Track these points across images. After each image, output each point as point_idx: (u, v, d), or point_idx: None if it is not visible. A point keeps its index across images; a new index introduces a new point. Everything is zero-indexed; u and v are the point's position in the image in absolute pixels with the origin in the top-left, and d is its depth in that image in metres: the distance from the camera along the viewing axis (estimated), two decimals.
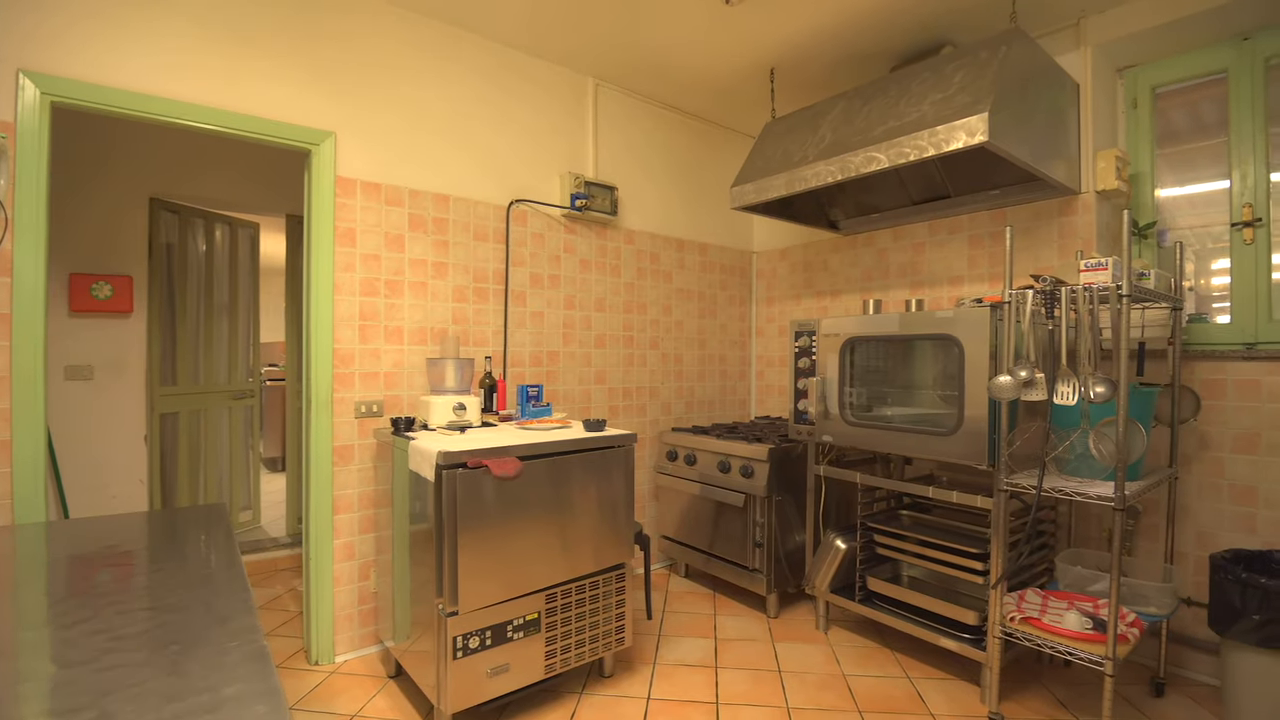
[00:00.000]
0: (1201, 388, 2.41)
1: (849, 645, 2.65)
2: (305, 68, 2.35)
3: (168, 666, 0.79)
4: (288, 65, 2.32)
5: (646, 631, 2.76)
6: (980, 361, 2.11)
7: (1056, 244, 2.70)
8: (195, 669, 0.79)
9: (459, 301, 2.75)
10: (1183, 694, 2.29)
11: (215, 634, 0.89)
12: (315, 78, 2.38)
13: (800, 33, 2.76)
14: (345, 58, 2.44)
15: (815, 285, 3.72)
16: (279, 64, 2.30)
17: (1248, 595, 1.86)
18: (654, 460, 3.50)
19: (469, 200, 2.78)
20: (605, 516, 2.27)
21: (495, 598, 1.99)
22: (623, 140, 3.36)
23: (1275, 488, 2.26)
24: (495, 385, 2.61)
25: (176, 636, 0.88)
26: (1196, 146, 2.62)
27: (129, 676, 0.76)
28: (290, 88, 2.32)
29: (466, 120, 2.77)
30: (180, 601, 1.01)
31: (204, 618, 0.94)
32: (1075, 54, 2.65)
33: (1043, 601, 2.13)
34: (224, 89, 2.19)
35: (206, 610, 0.97)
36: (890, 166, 2.31)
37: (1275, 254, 2.40)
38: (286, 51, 2.31)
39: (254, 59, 2.25)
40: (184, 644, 0.85)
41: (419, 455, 1.98)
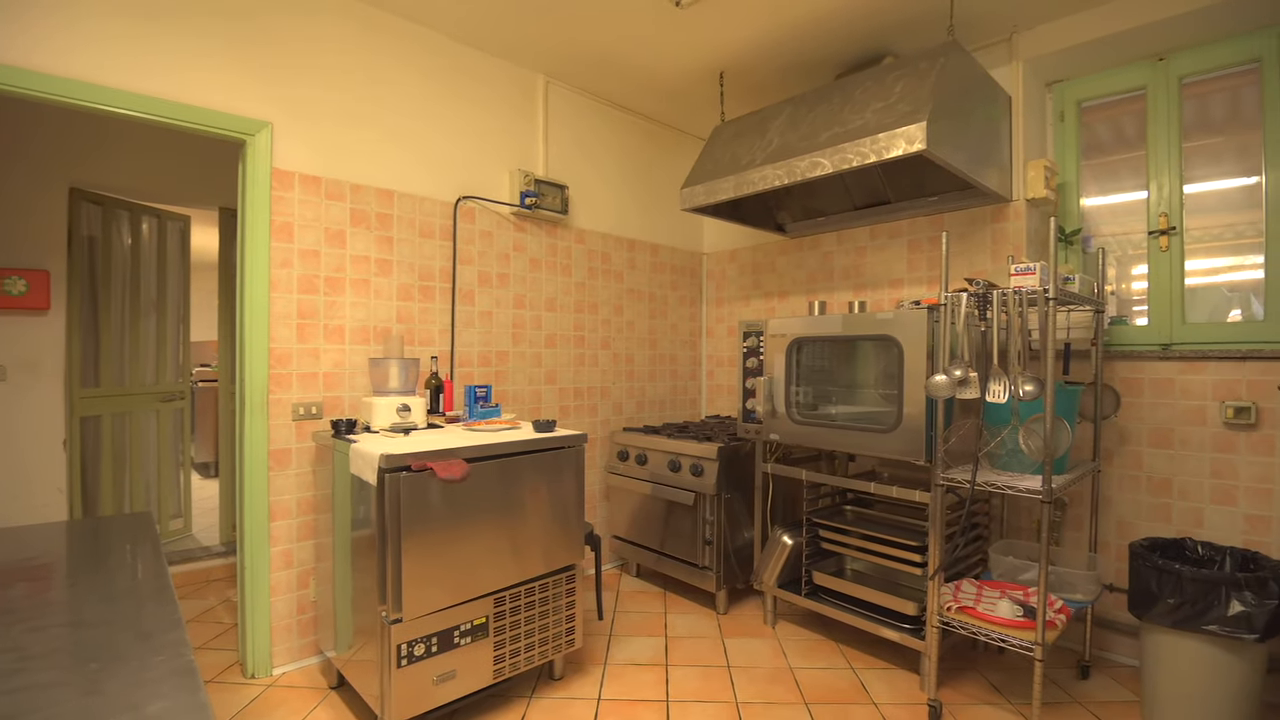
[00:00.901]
0: (1122, 386, 2.56)
1: (796, 639, 2.70)
2: (240, 54, 2.25)
3: (85, 686, 0.74)
4: (221, 51, 2.21)
5: (597, 632, 2.75)
6: (918, 361, 2.19)
7: (990, 249, 2.82)
8: (115, 687, 0.74)
9: (404, 300, 2.68)
10: (1106, 675, 2.43)
11: (138, 650, 0.84)
12: (251, 65, 2.28)
13: (749, 38, 2.80)
14: (284, 45, 2.35)
15: (764, 286, 3.79)
16: (211, 49, 2.19)
17: (1163, 581, 1.98)
18: (605, 460, 3.49)
19: (414, 196, 2.72)
20: (556, 518, 2.26)
21: (441, 603, 1.95)
22: (574, 139, 3.34)
23: (1188, 480, 2.42)
24: (442, 386, 2.56)
25: (95, 654, 0.83)
26: (1118, 158, 2.77)
27: (39, 699, 0.72)
28: (223, 74, 2.22)
29: (412, 114, 2.71)
30: (100, 616, 0.95)
31: (126, 633, 0.89)
32: (1008, 68, 2.77)
33: (977, 591, 2.23)
34: (150, 74, 2.08)
35: (129, 625, 0.92)
36: (834, 172, 2.37)
37: (1188, 261, 2.57)
38: (219, 36, 2.21)
39: (184, 43, 2.14)
40: (104, 661, 0.81)
41: (361, 458, 1.92)
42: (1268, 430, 2.26)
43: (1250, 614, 1.83)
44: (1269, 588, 1.84)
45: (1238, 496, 2.31)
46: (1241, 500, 2.31)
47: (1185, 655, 1.96)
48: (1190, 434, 2.41)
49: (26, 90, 1.89)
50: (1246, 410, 2.27)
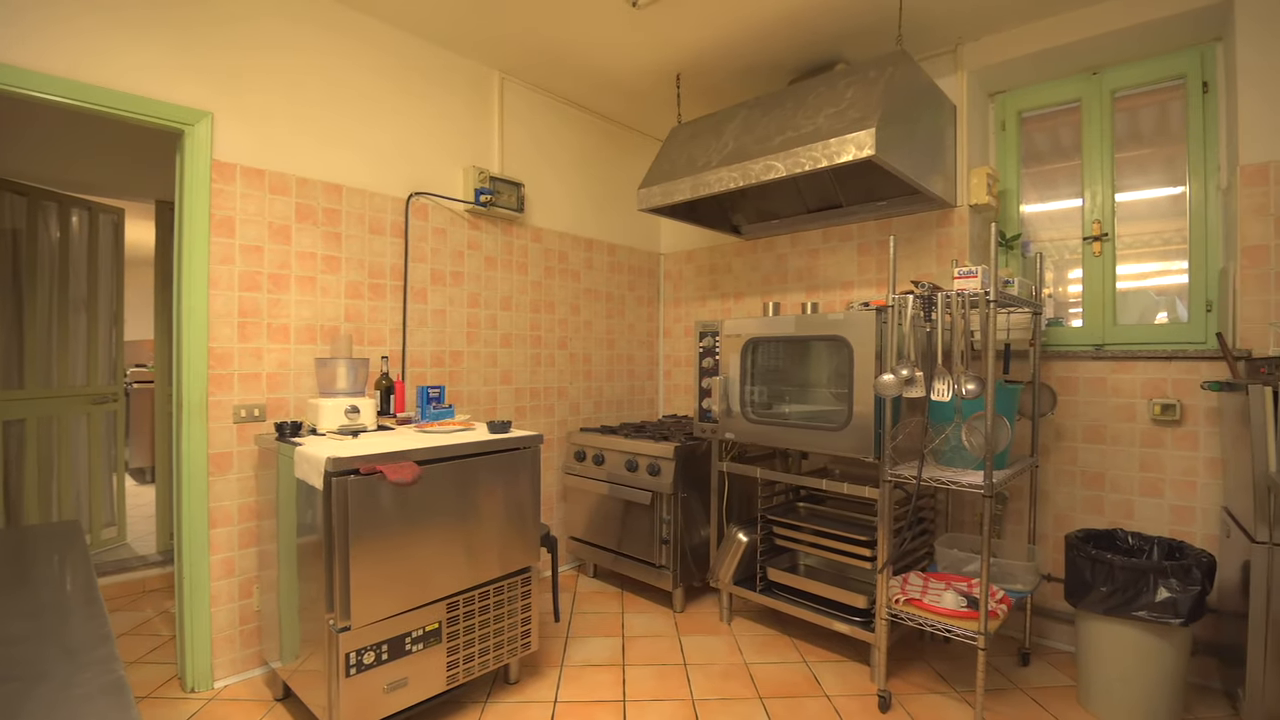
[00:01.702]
0: (1058, 384, 2.68)
1: (751, 634, 2.74)
2: (179, 39, 2.16)
3: (3, 708, 0.70)
4: (158, 35, 2.11)
5: (554, 634, 2.73)
6: (867, 361, 2.25)
7: (935, 253, 2.92)
8: (37, 708, 0.70)
9: (353, 298, 2.61)
10: (1045, 661, 2.54)
11: (63, 667, 0.80)
12: (190, 51, 2.18)
13: (705, 41, 2.82)
14: (227, 31, 2.26)
15: (720, 287, 3.82)
16: (147, 33, 2.09)
17: (1097, 570, 2.08)
18: (562, 461, 3.47)
19: (364, 191, 2.65)
20: (511, 520, 2.23)
21: (392, 610, 1.90)
22: (530, 137, 3.31)
23: (1119, 473, 2.54)
24: (393, 386, 2.50)
25: (16, 672, 0.78)
26: (1055, 167, 2.90)
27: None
28: (160, 61, 2.12)
29: (362, 107, 2.64)
30: (22, 632, 0.90)
31: (51, 649, 0.85)
32: (953, 78, 2.87)
33: (924, 583, 2.30)
34: (79, 57, 1.97)
35: (54, 641, 0.87)
36: (788, 175, 2.41)
37: (1119, 266, 2.71)
38: (156, 20, 2.11)
39: (117, 25, 2.03)
40: (25, 681, 0.76)
41: (306, 462, 1.86)
42: (1191, 426, 2.39)
43: (1176, 600, 1.94)
44: (1192, 575, 1.95)
45: (1164, 489, 2.45)
46: (1168, 492, 2.44)
47: (1117, 640, 2.07)
48: (1121, 430, 2.54)
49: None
50: (1172, 407, 2.40)
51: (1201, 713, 2.15)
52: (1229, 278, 2.34)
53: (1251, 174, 2.23)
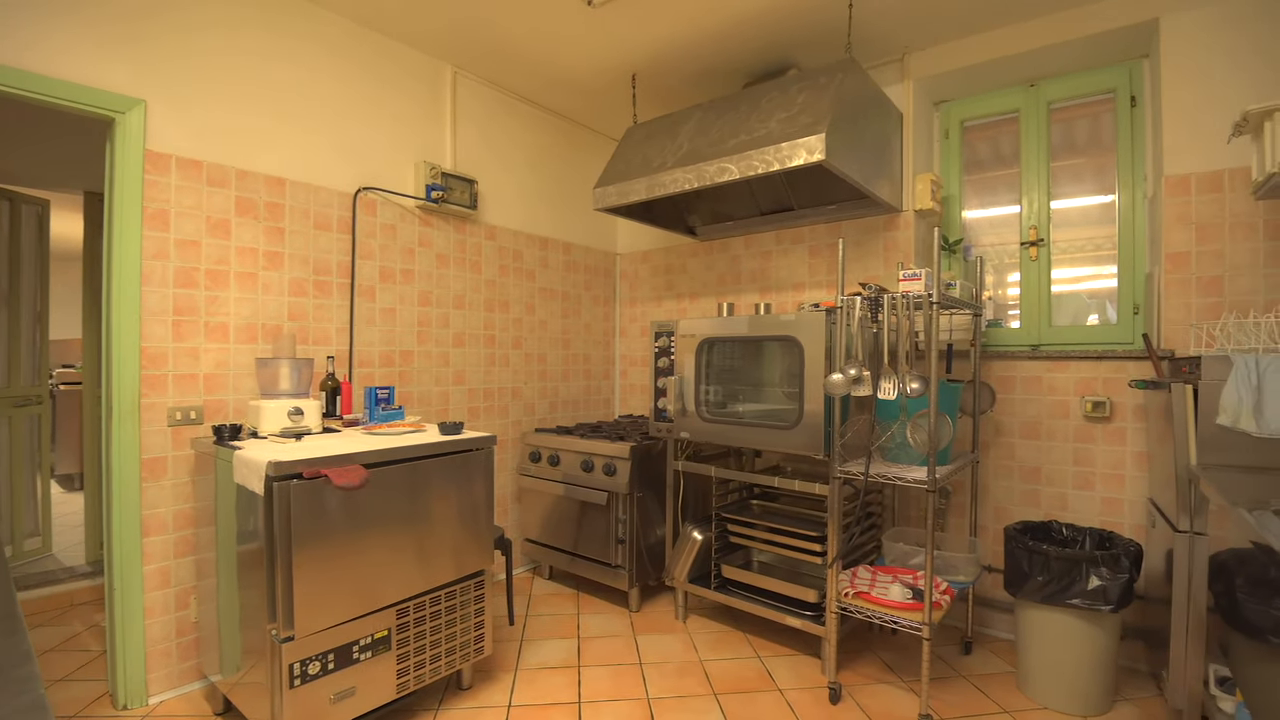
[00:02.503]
0: (997, 383, 2.78)
1: (706, 631, 2.76)
2: (110, 23, 2.04)
3: None
4: (87, 18, 2.00)
5: (508, 638, 2.70)
6: (817, 361, 2.29)
7: (882, 256, 3.00)
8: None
9: (297, 295, 2.53)
10: (986, 649, 2.63)
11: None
12: (122, 36, 2.07)
13: (660, 42, 2.83)
14: (162, 16, 2.15)
15: (676, 288, 3.85)
16: (76, 17, 1.97)
17: (1033, 561, 2.17)
18: (517, 462, 3.43)
19: (309, 185, 2.57)
20: (464, 523, 2.20)
21: (339, 618, 1.85)
22: (484, 133, 3.26)
23: (1054, 468, 2.66)
24: (339, 387, 2.43)
25: None
26: (996, 175, 3.02)
27: None
28: (90, 45, 2.00)
29: (307, 97, 2.56)
30: None
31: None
32: (900, 86, 2.95)
33: (872, 577, 2.36)
34: (2, 42, 1.85)
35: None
36: (741, 178, 2.44)
37: (1055, 270, 2.83)
38: (87, 3, 1.99)
39: (44, 8, 1.91)
40: None
41: (246, 466, 1.79)
42: (1120, 422, 2.52)
43: (1106, 587, 2.04)
44: (1121, 563, 2.05)
45: (1095, 482, 2.57)
46: (1099, 485, 2.56)
47: (1052, 627, 2.16)
48: (1056, 426, 2.65)
49: None
50: (1102, 404, 2.53)
51: (1130, 694, 2.27)
52: (1154, 282, 2.47)
53: (1174, 185, 2.36)
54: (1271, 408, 1.69)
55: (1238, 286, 2.25)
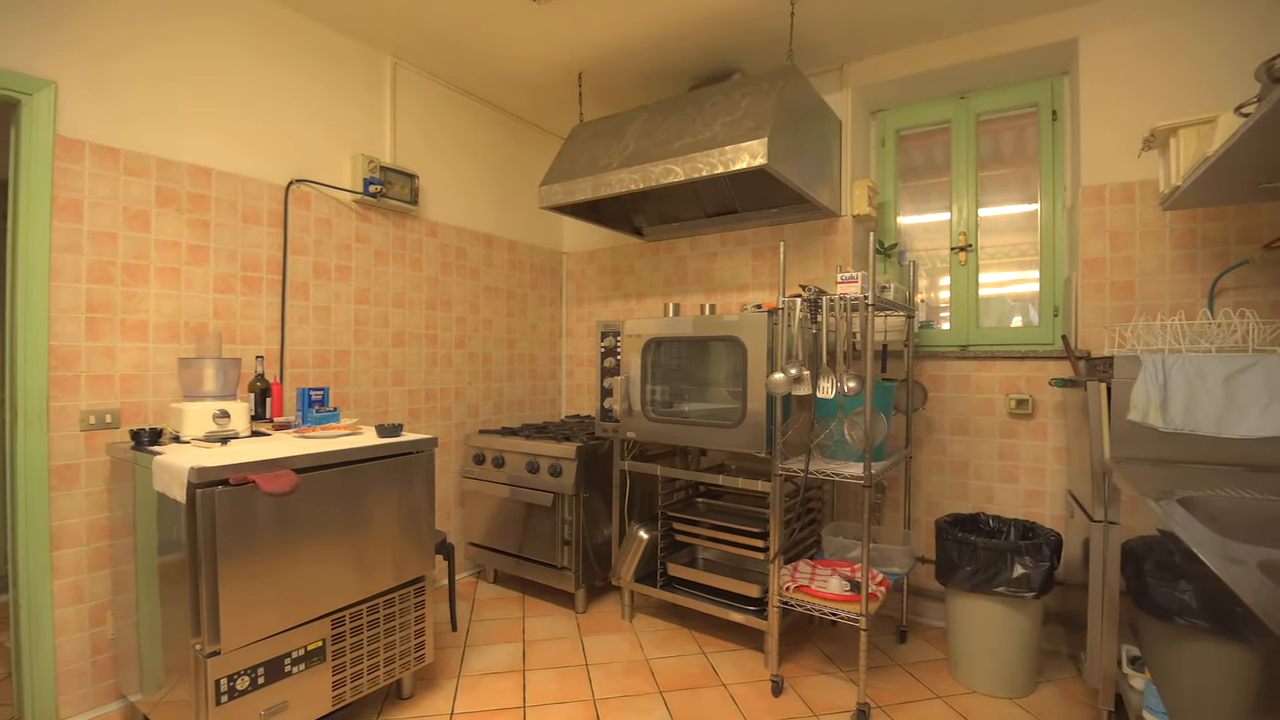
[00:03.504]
0: (929, 382, 2.90)
1: (652, 630, 2.77)
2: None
3: None
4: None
5: (451, 645, 2.65)
6: (760, 360, 2.34)
7: (822, 259, 3.08)
8: None
9: (223, 292, 2.41)
10: (920, 638, 2.74)
11: None
12: (29, 11, 1.92)
13: (606, 41, 2.83)
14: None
15: (622, 288, 3.85)
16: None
17: (962, 551, 2.26)
18: (460, 464, 3.36)
19: (237, 176, 2.45)
20: (403, 528, 2.14)
21: (269, 630, 1.77)
22: (426, 127, 3.18)
23: (982, 462, 2.79)
24: (269, 389, 2.33)
25: None
26: (929, 183, 3.14)
27: None
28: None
29: (237, 84, 2.43)
30: None
31: None
32: (839, 94, 3.04)
33: (812, 570, 2.42)
34: None
35: None
36: (686, 180, 2.46)
37: (982, 274, 2.97)
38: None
39: None
40: None
41: (167, 473, 1.69)
42: (1041, 419, 2.66)
43: (1029, 575, 2.15)
44: (1043, 552, 2.17)
45: (1019, 475, 2.71)
46: (1022, 478, 2.70)
47: (981, 614, 2.27)
48: (983, 423, 2.78)
49: None
50: (1025, 402, 2.67)
51: (1052, 675, 2.40)
52: (1072, 286, 2.63)
53: (1090, 195, 2.51)
54: (1176, 404, 1.82)
55: (1147, 291, 2.42)
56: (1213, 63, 2.29)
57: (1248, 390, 1.76)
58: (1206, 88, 2.30)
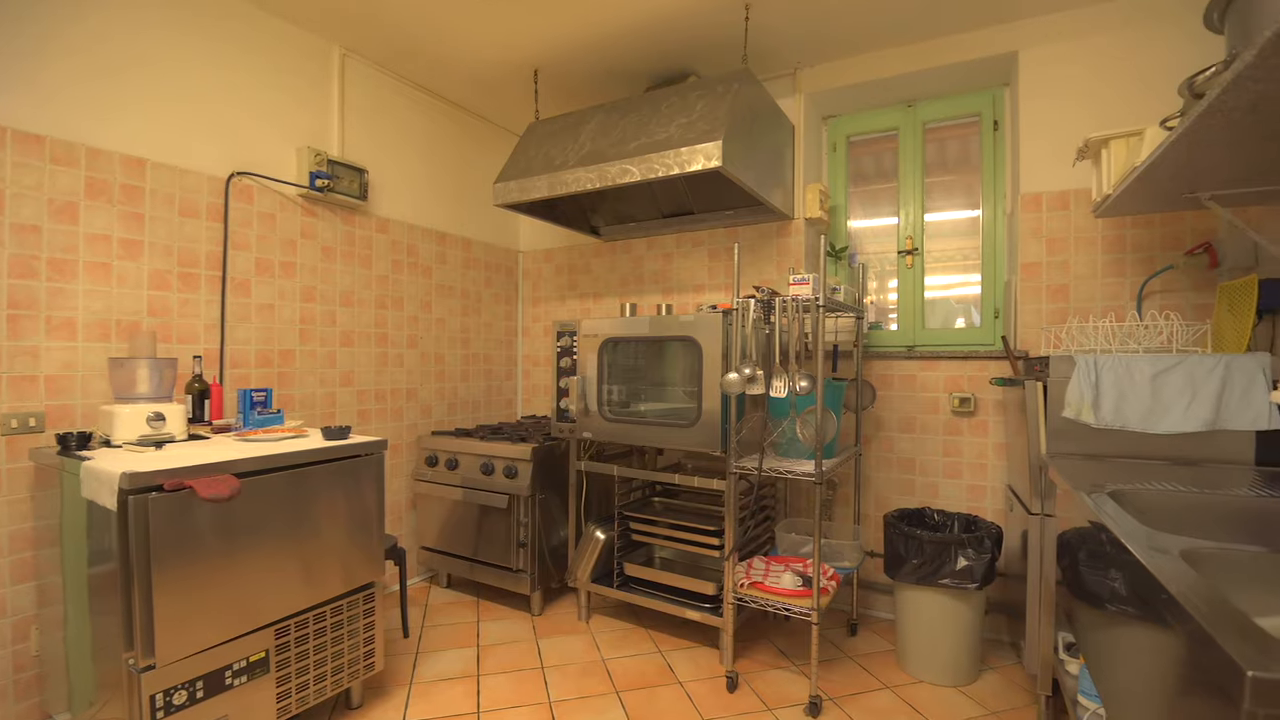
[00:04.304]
0: (878, 381, 2.98)
1: (609, 630, 2.77)
2: None
3: None
4: None
5: (403, 651, 2.59)
6: (715, 360, 2.36)
7: (775, 260, 3.13)
8: None
9: (158, 289, 2.30)
10: (870, 630, 2.81)
11: None
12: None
13: (562, 39, 2.81)
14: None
15: (579, 287, 3.83)
16: None
17: (909, 545, 2.33)
18: (412, 467, 3.29)
19: (174, 167, 2.34)
20: (352, 533, 2.08)
21: (208, 642, 1.70)
22: (376, 120, 3.10)
23: (927, 459, 2.88)
24: (208, 390, 2.23)
25: None
26: (878, 188, 3.23)
27: None
28: None
29: (174, 71, 2.32)
30: None
31: None
32: (792, 99, 3.09)
33: (766, 567, 2.45)
34: None
35: None
36: (642, 180, 2.46)
37: (928, 277, 3.07)
38: None
39: None
40: None
41: (96, 479, 1.61)
42: (983, 416, 2.76)
43: (972, 567, 2.23)
44: (985, 545, 2.25)
45: (963, 471, 2.81)
46: (965, 474, 2.80)
47: (926, 606, 2.34)
48: (928, 421, 2.88)
49: None
50: (968, 400, 2.77)
51: (994, 663, 2.50)
52: (1011, 289, 2.74)
53: (1029, 202, 2.62)
54: (1107, 402, 1.92)
55: (1080, 294, 2.54)
56: (1143, 77, 2.42)
57: (1172, 388, 1.86)
58: (1138, 101, 2.43)
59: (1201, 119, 1.34)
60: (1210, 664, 0.71)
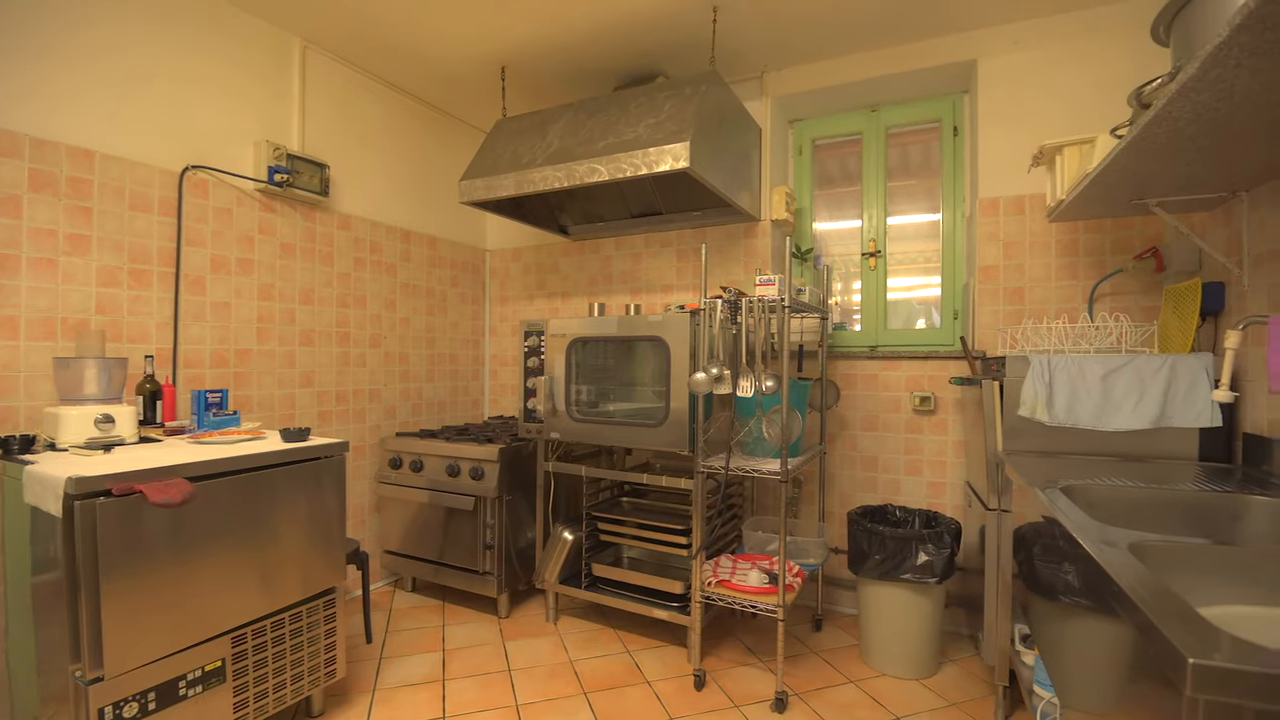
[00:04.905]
0: (842, 381, 3.03)
1: (577, 632, 2.76)
2: None
3: None
4: None
5: (366, 657, 2.54)
6: (682, 360, 2.37)
7: (743, 261, 3.16)
8: None
9: (108, 286, 2.21)
10: (835, 625, 2.86)
11: None
12: None
13: (530, 36, 2.79)
14: None
15: (547, 286, 3.81)
16: None
17: (872, 541, 2.38)
18: (376, 469, 3.23)
19: (125, 160, 2.25)
20: (312, 538, 2.03)
21: (160, 651, 1.64)
22: (339, 115, 3.03)
23: (889, 457, 2.94)
24: (160, 391, 2.15)
25: None
26: (842, 191, 3.28)
27: None
28: None
29: (125, 60, 2.23)
30: None
31: None
32: (759, 102, 3.13)
33: (733, 565, 2.47)
34: None
35: None
36: (610, 179, 2.46)
37: (890, 279, 3.13)
38: None
39: None
40: None
41: (40, 484, 1.54)
42: (942, 415, 2.83)
43: (932, 562, 2.28)
44: (944, 540, 2.31)
45: (923, 468, 2.87)
46: (926, 470, 2.87)
47: (889, 600, 2.39)
48: (890, 419, 2.94)
49: None
50: (928, 399, 2.83)
51: (954, 655, 2.56)
52: (970, 291, 2.81)
53: (986, 206, 2.70)
54: (1060, 401, 1.98)
55: (1035, 296, 2.62)
56: (1096, 87, 2.50)
57: (1121, 387, 1.94)
58: (1091, 110, 2.51)
59: (1148, 128, 1.40)
60: (1155, 652, 0.74)
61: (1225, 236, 2.00)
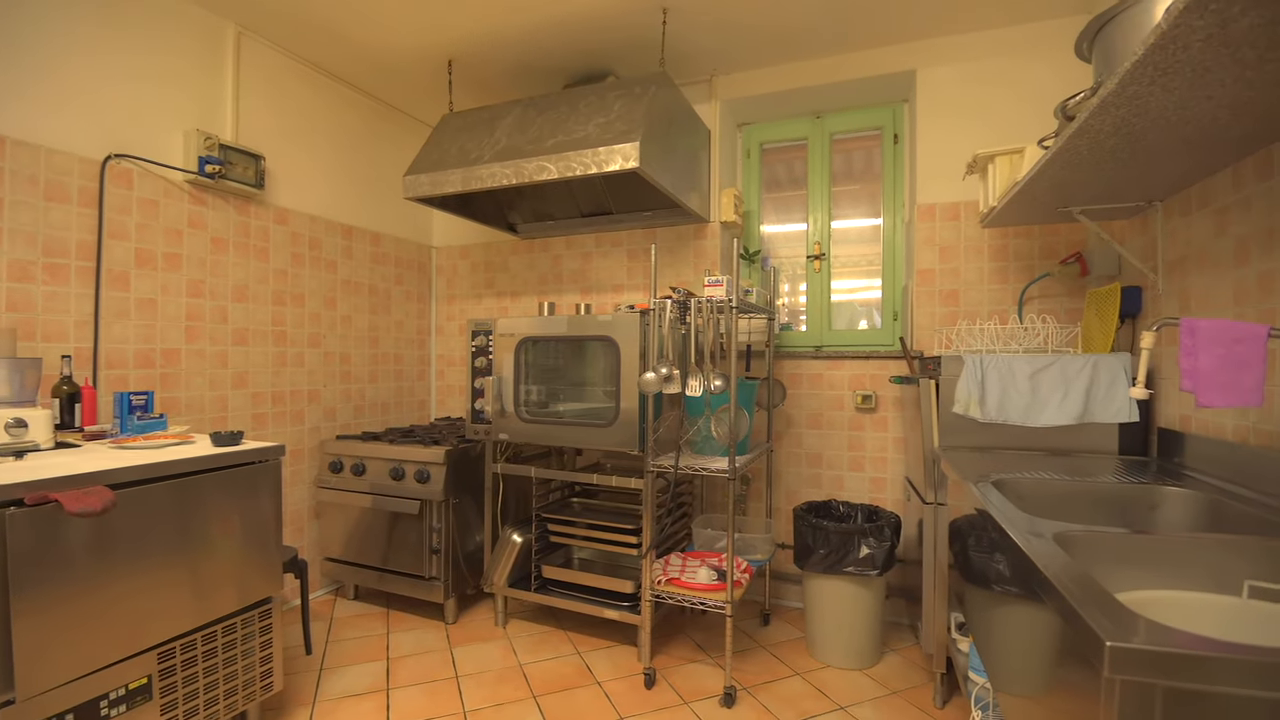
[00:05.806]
0: (788, 380, 3.10)
1: (526, 635, 2.73)
2: None
3: None
4: None
5: (306, 668, 2.44)
6: (632, 360, 2.38)
7: (693, 262, 3.20)
8: None
9: (19, 281, 2.05)
10: (782, 619, 2.92)
11: None
12: None
13: (478, 31, 2.74)
14: None
15: (496, 285, 3.76)
16: None
17: (816, 536, 2.44)
18: (315, 474, 3.11)
19: (39, 147, 2.10)
20: (246, 546, 1.94)
21: (80, 669, 1.54)
22: (276, 105, 2.91)
23: (833, 454, 3.02)
24: (79, 393, 2.02)
25: None
26: (789, 194, 3.35)
27: None
28: None
29: (41, 41, 2.08)
30: None
31: None
32: (708, 105, 3.16)
33: (683, 563, 2.50)
34: None
35: None
36: (560, 178, 2.45)
37: (834, 281, 3.21)
38: None
39: None
40: None
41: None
42: (883, 413, 2.93)
43: (874, 555, 2.35)
44: (885, 533, 2.38)
45: (865, 464, 2.96)
46: (868, 467, 2.96)
47: (833, 593, 2.45)
48: (834, 417, 3.02)
49: None
50: (870, 397, 2.92)
51: (895, 645, 2.65)
52: (909, 293, 2.91)
53: (924, 212, 2.80)
54: (992, 398, 2.08)
55: (969, 298, 2.73)
56: (1028, 98, 2.63)
57: (1047, 385, 2.04)
58: (1022, 121, 2.64)
59: (1072, 139, 1.48)
60: (1077, 637, 0.78)
61: (1142, 244, 2.13)
